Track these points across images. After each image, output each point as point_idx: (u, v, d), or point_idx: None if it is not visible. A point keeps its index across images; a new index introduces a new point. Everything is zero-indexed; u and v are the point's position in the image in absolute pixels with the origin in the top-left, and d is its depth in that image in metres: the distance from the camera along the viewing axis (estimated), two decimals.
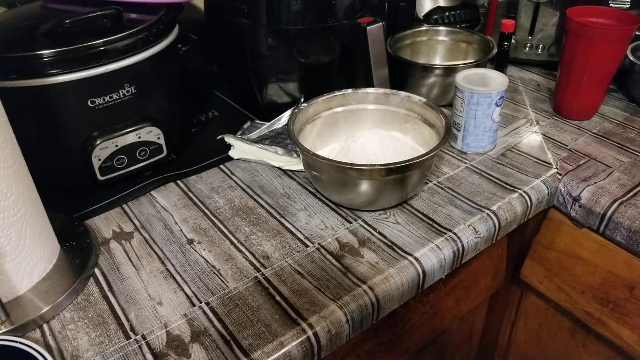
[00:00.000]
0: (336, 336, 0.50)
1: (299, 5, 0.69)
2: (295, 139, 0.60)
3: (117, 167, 0.64)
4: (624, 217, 0.62)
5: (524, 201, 0.64)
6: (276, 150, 0.68)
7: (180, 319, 0.49)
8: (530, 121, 0.79)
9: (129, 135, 0.63)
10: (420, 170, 0.58)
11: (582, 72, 0.74)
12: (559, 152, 0.72)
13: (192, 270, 0.55)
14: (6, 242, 0.47)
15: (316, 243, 0.58)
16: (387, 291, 0.52)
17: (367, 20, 0.69)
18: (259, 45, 0.73)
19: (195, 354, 0.46)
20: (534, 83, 0.91)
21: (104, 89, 0.59)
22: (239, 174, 0.69)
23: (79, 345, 0.47)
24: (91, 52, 0.57)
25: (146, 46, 0.61)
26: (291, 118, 0.63)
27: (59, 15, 0.61)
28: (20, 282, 0.49)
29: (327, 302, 0.50)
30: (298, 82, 0.75)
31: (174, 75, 0.70)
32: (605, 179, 0.66)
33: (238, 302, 0.51)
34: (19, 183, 0.47)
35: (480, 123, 0.69)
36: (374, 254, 0.56)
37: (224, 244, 0.58)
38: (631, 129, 0.77)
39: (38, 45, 0.56)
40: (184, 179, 0.68)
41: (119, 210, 0.63)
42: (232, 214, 0.62)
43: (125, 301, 0.51)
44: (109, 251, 0.57)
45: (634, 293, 0.65)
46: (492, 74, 0.71)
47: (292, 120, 0.62)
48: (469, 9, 0.94)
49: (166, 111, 0.67)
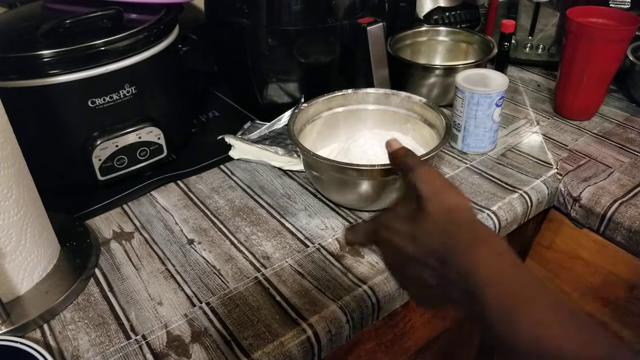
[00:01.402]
0: (336, 336, 0.50)
1: (299, 5, 0.69)
2: (295, 139, 0.60)
3: (117, 167, 0.64)
4: (624, 217, 0.62)
5: (524, 201, 0.64)
6: (276, 150, 0.68)
7: (180, 319, 0.49)
8: (530, 121, 0.79)
9: (129, 135, 0.63)
10: None
11: (582, 72, 0.74)
12: (559, 152, 0.72)
13: (192, 270, 0.55)
14: (6, 242, 0.47)
15: (316, 243, 0.58)
16: (387, 291, 0.52)
17: (367, 20, 0.69)
18: (259, 45, 0.73)
19: (195, 354, 0.46)
20: (534, 83, 0.91)
21: (104, 89, 0.59)
22: (239, 174, 0.69)
23: (79, 345, 0.47)
24: (91, 52, 0.57)
25: (146, 46, 0.61)
26: (291, 118, 0.63)
27: (59, 15, 0.60)
28: (21, 282, 0.49)
29: (327, 302, 0.50)
30: (298, 82, 0.75)
31: (174, 75, 0.70)
32: (605, 179, 0.66)
33: (238, 302, 0.51)
34: (19, 183, 0.47)
35: (480, 123, 0.69)
36: (374, 254, 0.56)
37: (224, 244, 0.58)
38: (631, 129, 0.77)
39: (38, 45, 0.56)
40: (184, 179, 0.68)
41: (119, 210, 0.63)
42: (232, 214, 0.62)
43: (126, 301, 0.51)
44: (109, 251, 0.57)
45: (634, 293, 0.65)
46: (492, 74, 0.71)
47: (292, 120, 0.62)
48: (469, 9, 0.94)
49: (166, 111, 0.67)
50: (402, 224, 0.39)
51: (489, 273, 0.32)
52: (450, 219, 0.37)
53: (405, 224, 0.39)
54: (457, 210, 0.37)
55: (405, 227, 0.39)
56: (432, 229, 0.37)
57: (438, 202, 0.38)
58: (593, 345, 0.29)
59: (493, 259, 0.33)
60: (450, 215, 0.37)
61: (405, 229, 0.38)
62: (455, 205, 0.38)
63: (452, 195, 0.38)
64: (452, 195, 0.38)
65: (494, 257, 0.33)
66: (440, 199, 0.38)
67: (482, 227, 0.37)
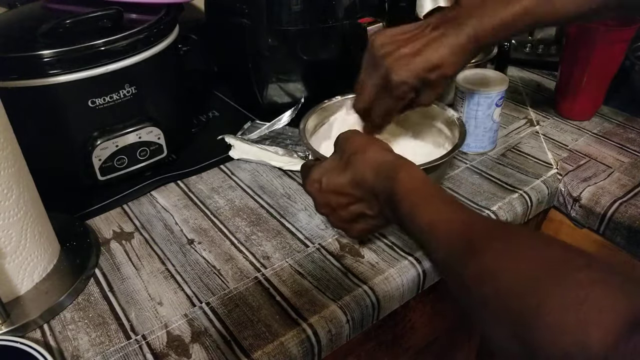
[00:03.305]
0: (336, 336, 0.50)
1: (299, 5, 0.69)
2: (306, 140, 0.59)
3: (117, 167, 0.64)
4: (624, 217, 0.62)
5: (524, 201, 0.64)
6: (276, 150, 0.68)
7: (180, 319, 0.49)
8: (530, 121, 0.79)
9: (129, 135, 0.63)
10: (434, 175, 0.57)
11: (582, 72, 0.74)
12: (559, 152, 0.72)
13: (192, 270, 0.55)
14: (6, 242, 0.47)
15: (316, 243, 0.58)
16: (387, 291, 0.52)
17: (367, 20, 0.69)
18: (259, 45, 0.73)
19: (195, 354, 0.46)
20: (534, 83, 0.91)
21: (104, 89, 0.59)
22: (239, 174, 0.69)
23: (79, 345, 0.47)
24: (91, 52, 0.57)
25: (146, 46, 0.61)
26: (304, 118, 0.63)
27: (59, 15, 0.60)
28: (21, 282, 0.49)
29: (327, 302, 0.50)
30: (298, 82, 0.75)
31: (174, 75, 0.70)
32: (605, 179, 0.66)
33: (238, 302, 0.51)
34: (19, 183, 0.47)
35: (480, 123, 0.69)
36: (374, 254, 0.56)
37: (224, 244, 0.58)
38: (631, 129, 0.77)
39: (38, 45, 0.56)
40: (184, 179, 0.68)
41: (119, 210, 0.63)
42: (232, 214, 0.62)
43: (126, 301, 0.51)
44: (109, 251, 0.57)
45: None
46: (492, 74, 0.71)
47: (304, 120, 0.62)
48: None
49: (166, 111, 0.67)
50: (338, 176, 0.48)
51: (404, 190, 0.43)
52: (367, 159, 0.47)
53: (341, 176, 0.48)
54: (371, 151, 0.48)
55: (342, 177, 0.48)
56: (362, 171, 0.46)
57: (360, 154, 0.47)
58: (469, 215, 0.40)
59: (408, 180, 0.43)
60: (367, 156, 0.47)
61: (343, 179, 0.48)
62: (371, 149, 0.48)
63: (373, 147, 0.48)
64: (374, 147, 0.48)
65: (408, 179, 0.43)
66: (360, 151, 0.48)
67: (394, 157, 0.47)
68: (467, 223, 0.38)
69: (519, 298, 0.31)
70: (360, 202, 0.48)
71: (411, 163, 0.46)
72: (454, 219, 0.39)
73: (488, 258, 0.34)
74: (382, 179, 0.45)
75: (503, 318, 0.32)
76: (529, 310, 0.30)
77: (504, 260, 0.33)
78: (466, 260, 0.35)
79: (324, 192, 0.49)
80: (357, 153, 0.48)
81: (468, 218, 0.39)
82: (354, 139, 0.50)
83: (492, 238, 0.36)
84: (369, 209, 0.47)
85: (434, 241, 0.39)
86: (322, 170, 0.50)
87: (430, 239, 0.40)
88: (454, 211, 0.40)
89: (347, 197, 0.48)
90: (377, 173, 0.45)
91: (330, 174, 0.49)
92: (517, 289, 0.31)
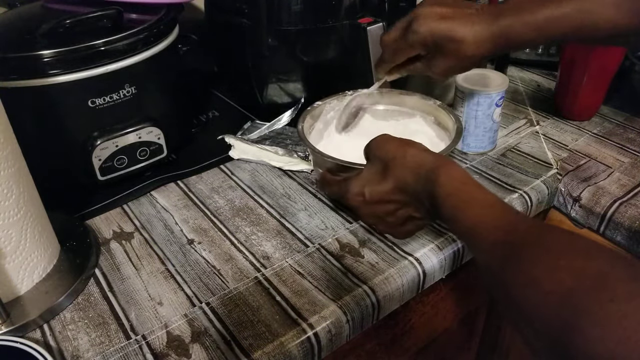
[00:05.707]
0: (336, 336, 0.50)
1: (299, 5, 0.69)
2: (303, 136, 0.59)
3: (117, 167, 0.64)
4: (624, 217, 0.62)
5: (524, 201, 0.64)
6: (276, 150, 0.68)
7: (180, 319, 0.49)
8: (530, 121, 0.79)
9: (129, 135, 0.63)
10: None
11: (582, 72, 0.74)
12: (559, 152, 0.72)
13: (192, 270, 0.55)
14: (6, 242, 0.47)
15: (316, 243, 0.58)
16: (387, 291, 0.52)
17: (367, 20, 0.69)
18: (259, 45, 0.73)
19: (195, 354, 0.46)
20: (534, 83, 0.91)
21: (104, 89, 0.59)
22: (239, 174, 0.69)
23: (79, 345, 0.47)
24: (91, 52, 0.57)
25: (146, 46, 0.61)
26: (302, 116, 0.63)
27: (59, 15, 0.60)
28: (21, 282, 0.49)
29: (327, 302, 0.50)
30: (298, 82, 0.75)
31: (174, 75, 0.70)
32: (605, 179, 0.66)
33: (238, 302, 0.51)
34: (19, 183, 0.47)
35: (480, 123, 0.69)
36: (374, 254, 0.56)
37: (224, 244, 0.58)
38: (631, 129, 0.77)
39: (38, 45, 0.56)
40: (184, 179, 0.68)
41: (119, 210, 0.63)
42: (232, 214, 0.62)
43: (125, 301, 0.51)
44: (109, 251, 0.57)
45: None
46: (492, 74, 0.71)
47: (302, 119, 0.63)
48: None
49: (166, 111, 0.67)
50: (379, 184, 0.48)
51: (444, 193, 0.43)
52: (406, 163, 0.47)
53: (382, 184, 0.48)
54: (409, 154, 0.47)
55: (384, 185, 0.48)
56: (404, 176, 0.47)
57: (399, 159, 0.47)
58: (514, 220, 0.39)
59: (447, 182, 0.43)
60: (406, 160, 0.47)
61: (386, 186, 0.48)
62: (409, 152, 0.48)
63: (411, 150, 0.48)
64: (411, 150, 0.48)
65: (447, 180, 0.43)
66: (398, 156, 0.48)
67: (433, 157, 0.47)
68: (507, 228, 0.38)
69: (558, 309, 0.30)
70: (407, 207, 0.48)
71: (451, 162, 0.46)
72: (494, 224, 0.39)
73: (528, 265, 0.34)
74: (423, 182, 0.45)
75: (541, 330, 0.31)
76: (569, 323, 0.29)
77: (544, 269, 0.33)
78: (506, 266, 0.35)
79: (369, 204, 0.49)
80: (395, 158, 0.47)
81: (508, 222, 0.38)
82: (389, 144, 0.49)
83: (533, 244, 0.35)
84: (416, 212, 0.48)
85: (476, 246, 0.40)
86: (363, 182, 0.49)
87: (472, 243, 0.40)
88: (494, 215, 0.40)
89: (393, 204, 0.48)
90: (417, 176, 0.45)
91: (372, 184, 0.48)
92: (557, 299, 0.30)
